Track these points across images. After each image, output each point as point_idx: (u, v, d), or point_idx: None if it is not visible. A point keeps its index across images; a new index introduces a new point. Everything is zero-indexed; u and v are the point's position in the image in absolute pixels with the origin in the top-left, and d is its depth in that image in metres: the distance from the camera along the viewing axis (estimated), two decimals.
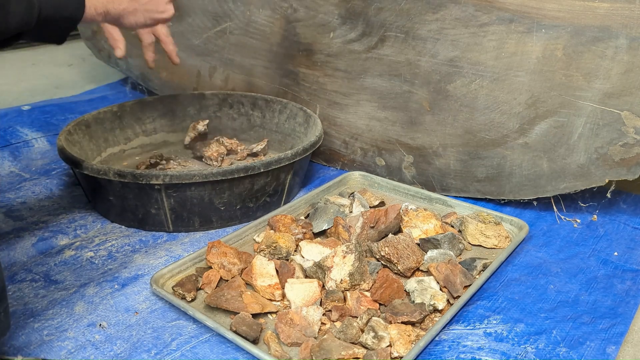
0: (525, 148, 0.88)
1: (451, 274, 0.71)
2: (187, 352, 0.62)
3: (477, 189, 0.96)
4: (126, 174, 0.79)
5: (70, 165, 0.86)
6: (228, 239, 0.80)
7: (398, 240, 0.75)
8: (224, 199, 0.84)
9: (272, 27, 1.12)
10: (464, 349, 0.62)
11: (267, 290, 0.69)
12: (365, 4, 0.97)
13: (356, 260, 0.69)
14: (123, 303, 0.69)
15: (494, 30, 0.86)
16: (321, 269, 0.71)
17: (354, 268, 0.69)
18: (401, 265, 0.73)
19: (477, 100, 0.90)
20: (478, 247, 0.82)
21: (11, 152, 1.15)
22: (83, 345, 0.62)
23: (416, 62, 0.94)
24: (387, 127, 1.01)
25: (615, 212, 0.92)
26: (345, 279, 0.69)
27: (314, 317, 0.64)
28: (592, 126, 0.82)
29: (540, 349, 0.62)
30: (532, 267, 0.78)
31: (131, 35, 1.41)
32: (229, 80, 1.24)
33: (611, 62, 0.79)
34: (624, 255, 0.81)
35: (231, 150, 1.12)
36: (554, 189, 0.88)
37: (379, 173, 1.05)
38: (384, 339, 0.61)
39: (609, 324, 0.66)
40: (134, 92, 1.55)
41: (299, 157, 0.89)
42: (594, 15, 0.78)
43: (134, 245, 0.83)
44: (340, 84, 1.05)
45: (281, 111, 1.12)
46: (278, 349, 0.60)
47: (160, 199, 0.82)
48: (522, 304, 0.70)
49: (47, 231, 0.86)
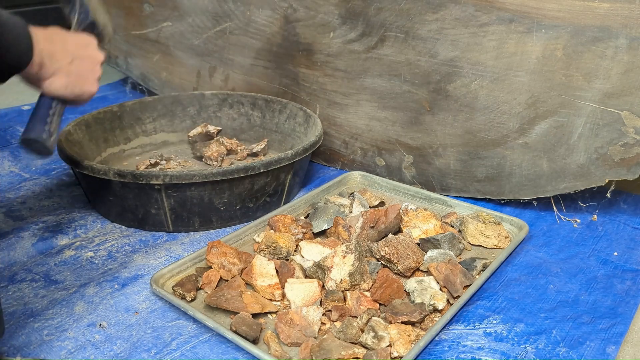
0: (525, 148, 0.88)
1: (451, 273, 0.71)
2: (187, 351, 0.62)
3: (477, 189, 0.96)
4: (126, 174, 0.79)
5: (70, 165, 0.86)
6: (228, 239, 0.80)
7: (398, 240, 0.75)
8: (224, 199, 0.84)
9: (272, 27, 1.12)
10: (464, 348, 0.62)
11: (267, 290, 0.69)
12: (365, 4, 0.97)
13: (356, 260, 0.69)
14: (123, 303, 0.69)
15: (494, 30, 0.86)
16: (321, 269, 0.71)
17: (354, 268, 0.69)
18: (401, 265, 0.73)
19: (477, 100, 0.90)
20: (478, 247, 0.82)
21: (11, 152, 1.15)
22: (83, 345, 0.62)
23: (416, 62, 0.94)
24: (387, 127, 1.01)
25: (615, 212, 0.92)
26: (345, 279, 0.69)
27: (314, 317, 0.64)
28: (592, 126, 0.82)
29: (540, 349, 0.62)
30: (532, 267, 0.78)
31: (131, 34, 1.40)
32: (229, 80, 1.24)
33: (611, 62, 0.79)
34: (623, 255, 0.81)
35: (231, 150, 1.12)
36: (554, 189, 0.88)
37: (379, 173, 1.05)
38: (384, 339, 0.61)
39: (609, 323, 0.66)
40: (134, 92, 1.54)
41: (299, 157, 0.89)
42: (594, 15, 0.78)
43: (134, 245, 0.83)
44: (340, 84, 1.05)
45: (281, 111, 1.12)
46: (278, 348, 0.60)
47: (160, 199, 0.82)
48: (522, 304, 0.70)
49: (47, 231, 0.86)
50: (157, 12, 1.30)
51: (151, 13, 1.31)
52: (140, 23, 1.36)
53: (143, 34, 1.37)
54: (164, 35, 1.32)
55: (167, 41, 1.32)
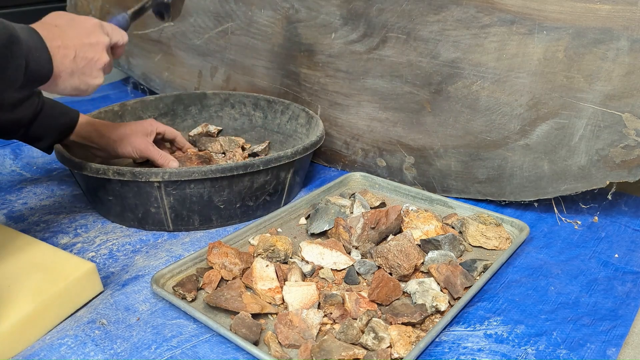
0: (526, 149, 0.88)
1: (452, 275, 0.71)
2: (188, 350, 0.62)
3: (477, 190, 0.96)
4: (125, 172, 0.79)
5: (68, 167, 0.85)
6: (229, 239, 0.80)
7: (388, 249, 0.74)
8: (224, 196, 0.84)
9: (274, 28, 1.12)
10: (464, 350, 0.62)
11: (267, 294, 0.69)
12: (366, 5, 0.97)
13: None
14: (123, 302, 0.69)
15: (496, 31, 0.86)
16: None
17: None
18: (395, 274, 0.73)
19: (479, 101, 0.90)
20: (479, 248, 0.82)
21: (12, 150, 1.16)
22: (83, 341, 0.62)
23: (417, 63, 0.94)
24: (388, 128, 1.01)
25: (616, 214, 0.92)
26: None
27: (313, 320, 0.64)
28: (593, 128, 0.82)
29: (541, 351, 0.62)
30: (533, 269, 0.78)
31: (132, 34, 1.40)
32: (231, 80, 1.24)
33: (612, 64, 0.79)
34: (624, 257, 0.81)
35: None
36: (555, 191, 0.88)
37: (380, 174, 1.05)
38: (384, 340, 0.60)
39: (610, 325, 0.66)
40: (135, 91, 1.55)
41: (299, 155, 0.89)
42: (596, 17, 0.78)
43: (134, 244, 0.83)
44: (342, 84, 1.05)
45: (283, 112, 1.12)
46: (278, 349, 0.60)
47: (159, 197, 0.82)
48: (522, 306, 0.70)
49: (47, 231, 0.86)
50: None
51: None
52: (141, 23, 1.36)
53: (145, 33, 1.37)
54: (165, 35, 1.33)
55: (169, 41, 1.32)
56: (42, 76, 0.63)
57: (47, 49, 0.62)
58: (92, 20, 0.70)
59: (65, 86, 0.67)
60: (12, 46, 0.58)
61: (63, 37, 0.65)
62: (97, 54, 0.69)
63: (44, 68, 0.62)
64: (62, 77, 0.66)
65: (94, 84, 0.70)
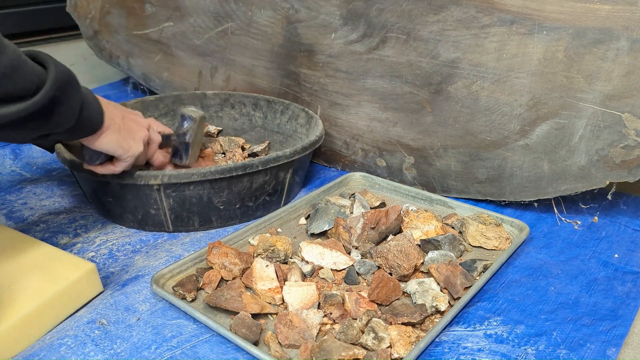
0: (526, 149, 0.88)
1: (452, 275, 0.71)
2: (188, 350, 0.62)
3: (477, 190, 0.96)
4: (124, 175, 0.79)
5: (69, 168, 0.85)
6: (228, 240, 0.80)
7: (388, 249, 0.74)
8: (223, 197, 0.84)
9: (274, 28, 1.12)
10: (464, 350, 0.62)
11: (267, 294, 0.69)
12: (366, 5, 0.97)
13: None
14: (123, 302, 0.69)
15: (495, 31, 0.86)
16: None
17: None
18: (395, 274, 0.73)
19: (478, 101, 0.90)
20: (478, 248, 0.82)
21: (12, 150, 1.15)
22: (83, 342, 0.62)
23: (417, 63, 0.94)
24: (388, 128, 1.01)
25: (616, 214, 0.92)
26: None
27: (313, 321, 0.64)
28: (593, 128, 0.82)
29: (541, 351, 0.62)
30: (533, 269, 0.78)
31: (132, 34, 1.41)
32: (230, 80, 1.24)
33: (612, 64, 0.79)
34: (624, 257, 0.81)
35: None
36: (555, 191, 0.88)
37: (380, 174, 1.05)
38: (384, 340, 0.60)
39: (609, 326, 0.66)
40: (135, 92, 1.55)
41: (298, 155, 0.89)
42: (595, 17, 0.78)
43: (134, 245, 0.83)
44: (342, 84, 1.05)
45: (283, 112, 1.12)
46: (278, 349, 0.60)
47: (159, 199, 0.82)
48: (522, 306, 0.70)
49: (47, 231, 0.86)
50: (158, 12, 1.30)
51: (153, 13, 1.31)
52: (142, 23, 1.36)
53: (145, 34, 1.37)
54: (165, 36, 1.32)
55: (169, 41, 1.32)
56: (93, 124, 0.67)
57: (99, 102, 0.67)
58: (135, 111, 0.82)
59: (110, 139, 0.71)
60: (71, 88, 0.61)
61: (112, 104, 0.74)
62: (139, 125, 0.77)
63: (96, 118, 0.67)
64: (110, 131, 0.70)
65: (135, 147, 0.75)
